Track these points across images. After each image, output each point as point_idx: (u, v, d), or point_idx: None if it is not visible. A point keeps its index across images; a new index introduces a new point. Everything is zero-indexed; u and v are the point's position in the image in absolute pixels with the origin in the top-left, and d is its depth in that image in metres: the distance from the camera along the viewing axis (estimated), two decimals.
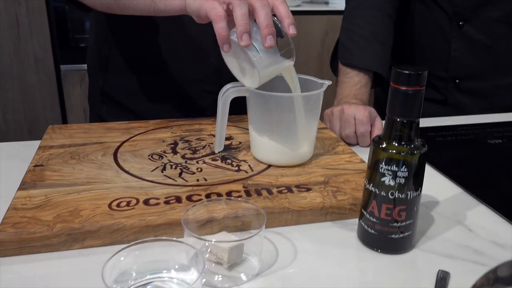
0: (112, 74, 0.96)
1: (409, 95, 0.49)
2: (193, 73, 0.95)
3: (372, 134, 0.84)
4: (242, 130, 0.83)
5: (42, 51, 2.25)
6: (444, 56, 1.09)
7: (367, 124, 0.83)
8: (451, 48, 1.07)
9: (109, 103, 0.97)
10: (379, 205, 0.52)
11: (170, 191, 0.60)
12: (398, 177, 0.50)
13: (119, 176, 0.63)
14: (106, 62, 0.95)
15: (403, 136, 0.51)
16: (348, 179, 0.66)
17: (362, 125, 0.83)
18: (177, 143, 0.76)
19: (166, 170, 0.66)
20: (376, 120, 0.86)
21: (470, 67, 1.08)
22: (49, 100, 2.33)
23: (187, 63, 0.94)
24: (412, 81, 0.48)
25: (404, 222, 0.52)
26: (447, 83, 1.11)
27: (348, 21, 1.03)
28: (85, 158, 0.69)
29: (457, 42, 1.06)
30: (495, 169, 0.78)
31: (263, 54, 0.61)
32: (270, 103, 0.65)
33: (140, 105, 0.96)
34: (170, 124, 0.85)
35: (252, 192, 0.61)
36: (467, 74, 1.09)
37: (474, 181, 0.73)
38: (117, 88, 0.96)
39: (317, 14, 2.82)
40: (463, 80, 1.10)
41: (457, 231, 0.60)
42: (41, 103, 2.32)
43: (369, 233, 0.54)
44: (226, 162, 0.70)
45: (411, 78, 0.48)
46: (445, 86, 1.11)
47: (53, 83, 2.32)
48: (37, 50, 2.25)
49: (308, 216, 0.59)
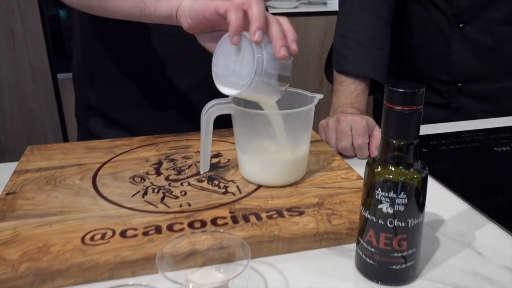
0: (98, 85, 0.91)
1: (405, 116, 0.44)
2: (182, 83, 0.90)
3: (370, 146, 0.79)
4: (232, 146, 0.78)
5: (38, 59, 2.24)
6: (445, 59, 1.04)
7: (364, 136, 0.78)
8: (452, 51, 1.02)
9: (96, 116, 0.93)
10: (377, 234, 0.47)
11: (150, 220, 0.55)
12: (396, 204, 0.45)
13: (96, 204, 0.59)
14: (91, 72, 0.91)
15: (400, 160, 0.46)
16: (344, 199, 0.61)
17: (359, 136, 0.78)
18: (162, 163, 0.71)
19: (147, 195, 0.61)
20: (375, 130, 0.81)
21: (473, 69, 1.03)
22: (47, 109, 2.32)
23: (176, 73, 0.89)
24: (408, 100, 0.43)
25: (406, 251, 0.47)
26: (449, 86, 1.05)
27: (342, 27, 0.98)
28: (61, 183, 0.64)
29: (457, 44, 1.01)
30: (503, 181, 0.73)
31: (266, 62, 0.56)
32: (257, 121, 0.61)
33: (128, 117, 0.91)
34: (156, 141, 0.80)
35: (240, 218, 0.56)
36: (470, 76, 1.04)
37: (481, 195, 0.68)
38: (104, 100, 0.91)
39: (315, 15, 2.79)
40: (466, 83, 1.05)
41: (465, 256, 0.55)
42: (39, 112, 2.31)
43: (367, 264, 0.49)
44: (212, 184, 0.65)
45: (407, 97, 0.43)
46: (447, 90, 1.06)
47: (51, 92, 2.31)
48: (33, 59, 2.24)
49: (300, 244, 0.54)
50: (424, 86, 0.43)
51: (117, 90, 0.90)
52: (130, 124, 0.91)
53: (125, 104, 0.90)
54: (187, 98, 0.91)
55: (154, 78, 0.89)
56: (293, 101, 0.63)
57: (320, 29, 2.82)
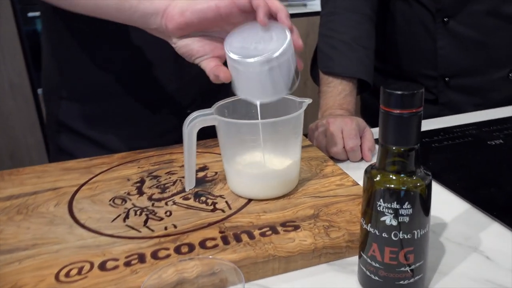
0: (67, 99, 0.85)
1: (405, 119, 0.40)
2: (152, 96, 0.85)
3: (363, 148, 0.76)
4: (218, 157, 0.74)
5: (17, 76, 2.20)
6: (431, 55, 1.01)
7: (356, 138, 0.75)
8: (438, 46, 0.99)
9: (66, 132, 0.88)
10: (381, 248, 0.44)
11: (132, 247, 0.50)
12: (400, 215, 0.42)
13: (72, 233, 0.54)
14: (60, 86, 0.85)
15: (401, 167, 0.42)
16: (341, 208, 0.57)
17: (350, 139, 0.74)
18: (144, 181, 0.67)
19: (129, 218, 0.57)
20: (366, 131, 0.78)
21: (460, 63, 1.01)
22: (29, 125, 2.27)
23: (146, 85, 0.84)
24: (407, 103, 0.40)
25: (413, 264, 0.44)
26: (437, 81, 1.03)
27: (326, 27, 0.94)
28: (34, 212, 0.59)
29: (443, 39, 0.98)
30: (502, 177, 0.70)
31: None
32: (244, 132, 0.56)
33: (99, 132, 0.86)
34: (137, 156, 0.75)
35: (231, 238, 0.51)
36: (457, 71, 1.01)
37: (481, 193, 0.64)
38: (73, 115, 0.86)
39: (296, 17, 2.79)
40: (453, 77, 1.02)
41: (474, 261, 0.51)
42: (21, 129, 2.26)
43: (372, 280, 0.45)
44: (199, 201, 0.60)
45: (405, 99, 0.40)
46: (435, 85, 1.03)
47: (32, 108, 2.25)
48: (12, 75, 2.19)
49: (298, 262, 0.50)
50: (423, 87, 0.40)
51: (87, 104, 0.84)
52: (103, 139, 0.86)
53: (95, 119, 0.85)
54: (159, 111, 0.87)
55: (125, 91, 0.84)
56: (280, 107, 0.59)
57: (302, 30, 2.81)
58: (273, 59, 0.53)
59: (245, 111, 0.61)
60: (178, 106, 0.86)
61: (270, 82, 0.55)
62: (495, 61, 1.01)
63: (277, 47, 0.54)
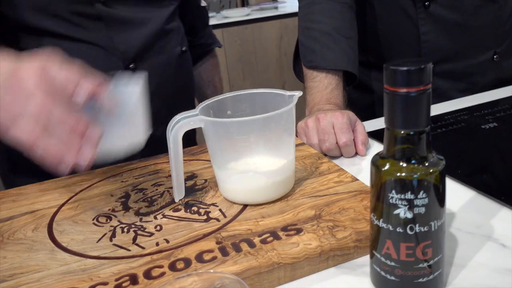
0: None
1: (413, 99, 0.37)
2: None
3: (356, 142, 0.72)
4: (206, 163, 0.69)
5: None
6: (414, 41, 0.98)
7: (348, 132, 0.71)
8: (420, 32, 0.97)
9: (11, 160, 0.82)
10: (396, 245, 0.40)
11: (122, 268, 0.46)
12: (416, 206, 0.38)
13: (54, 257, 0.49)
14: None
15: (412, 153, 0.38)
16: (344, 206, 0.53)
17: (343, 134, 0.71)
18: (129, 195, 0.62)
19: (116, 237, 0.52)
20: (357, 125, 0.74)
21: (444, 48, 0.98)
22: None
23: None
24: (414, 80, 0.36)
25: (432, 260, 0.40)
26: None
27: (305, 19, 0.91)
28: (10, 239, 0.54)
29: (425, 25, 0.96)
30: (504, 160, 0.67)
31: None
32: (233, 132, 0.52)
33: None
34: (119, 170, 0.71)
35: (229, 249, 0.47)
36: (442, 56, 0.99)
37: (485, 178, 0.62)
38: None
39: (268, 20, 2.77)
40: (438, 63, 1.00)
41: (489, 250, 0.48)
42: None
43: (388, 280, 0.42)
44: (191, 211, 0.56)
45: (412, 76, 0.36)
46: None
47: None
48: None
49: (305, 268, 0.46)
50: (431, 61, 0.36)
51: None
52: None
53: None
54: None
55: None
56: (269, 103, 0.56)
57: (275, 33, 2.80)
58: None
59: (232, 110, 0.57)
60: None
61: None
62: (479, 43, 0.99)
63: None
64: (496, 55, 1.00)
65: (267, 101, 0.56)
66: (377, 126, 0.83)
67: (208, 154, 0.72)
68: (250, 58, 2.79)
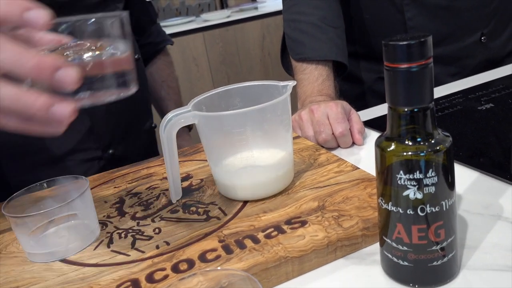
0: None
1: (415, 74, 0.35)
2: (61, 144, 0.77)
3: (352, 131, 0.71)
4: (201, 163, 0.68)
5: None
6: (400, 28, 0.97)
7: (344, 122, 0.70)
8: (406, 17, 0.96)
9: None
10: (407, 228, 0.38)
11: (123, 274, 0.44)
12: (425, 186, 0.37)
13: (50, 268, 0.47)
14: None
15: (417, 131, 0.37)
16: (347, 195, 0.52)
17: (338, 124, 0.69)
18: (124, 200, 0.60)
19: (113, 243, 0.50)
20: (352, 114, 0.73)
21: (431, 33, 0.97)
22: None
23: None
24: (415, 54, 0.35)
25: (445, 241, 0.39)
26: None
27: (290, 11, 0.90)
28: (2, 253, 0.51)
29: (410, 10, 0.95)
30: (503, 139, 0.66)
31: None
32: (228, 126, 0.50)
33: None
34: (111, 176, 0.68)
35: (233, 246, 0.45)
36: None
37: (489, 159, 0.60)
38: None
39: (249, 21, 2.76)
40: None
41: (501, 230, 0.46)
42: None
43: (400, 266, 0.40)
44: (190, 211, 0.54)
45: (413, 50, 0.35)
46: None
47: None
48: None
49: (313, 260, 0.44)
50: (430, 34, 0.35)
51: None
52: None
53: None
54: (73, 161, 0.80)
55: (25, 148, 0.76)
56: (262, 95, 0.54)
57: (257, 33, 2.78)
58: None
59: (225, 105, 0.55)
60: (97, 149, 0.80)
61: None
62: (466, 26, 0.98)
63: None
64: (484, 36, 1.00)
65: (261, 93, 0.54)
66: (370, 116, 0.82)
67: (202, 153, 0.71)
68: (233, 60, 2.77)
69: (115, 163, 0.81)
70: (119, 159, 0.83)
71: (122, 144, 0.85)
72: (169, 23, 2.74)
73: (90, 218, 0.52)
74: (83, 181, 0.53)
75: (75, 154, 0.78)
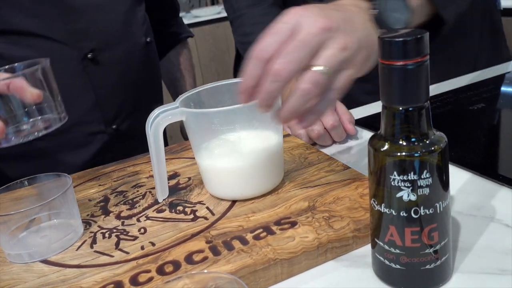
0: None
1: (410, 72, 0.34)
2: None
3: (342, 121, 0.69)
4: (188, 161, 0.66)
5: None
6: None
7: (332, 114, 0.68)
8: None
9: None
10: (400, 231, 0.37)
11: (106, 276, 0.42)
12: (420, 187, 0.35)
13: (30, 269, 0.45)
14: None
15: (412, 131, 0.36)
16: (338, 195, 0.51)
17: (327, 117, 0.68)
18: (108, 199, 0.58)
19: (97, 243, 0.48)
20: (338, 106, 0.71)
21: None
22: None
23: None
24: (411, 50, 0.34)
25: (438, 244, 0.38)
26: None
27: (238, 34, 0.93)
28: None
29: None
30: (495, 140, 0.66)
31: None
32: (217, 123, 0.49)
33: (12, 172, 0.77)
34: (96, 174, 0.66)
35: (221, 248, 0.44)
36: None
37: (479, 159, 0.60)
38: None
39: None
40: None
41: (494, 232, 0.46)
42: None
43: (392, 269, 0.39)
44: (176, 211, 0.52)
45: (409, 47, 0.34)
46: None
47: None
48: None
49: (303, 263, 0.43)
50: (427, 30, 0.34)
51: None
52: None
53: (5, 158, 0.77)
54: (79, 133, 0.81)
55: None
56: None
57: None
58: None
59: (214, 102, 0.54)
60: (101, 122, 0.82)
61: None
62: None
63: None
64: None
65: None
66: (363, 114, 0.81)
67: (190, 151, 0.69)
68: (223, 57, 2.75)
69: (119, 139, 0.83)
70: (123, 135, 0.84)
71: (127, 121, 0.86)
72: None
73: (72, 217, 0.50)
74: (65, 179, 0.51)
75: (80, 126, 0.80)
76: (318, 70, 0.42)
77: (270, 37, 0.43)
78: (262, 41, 0.44)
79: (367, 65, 0.48)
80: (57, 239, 0.48)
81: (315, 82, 0.42)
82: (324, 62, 0.43)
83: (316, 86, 0.43)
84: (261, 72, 0.42)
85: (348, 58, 0.44)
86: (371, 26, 0.48)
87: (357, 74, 0.47)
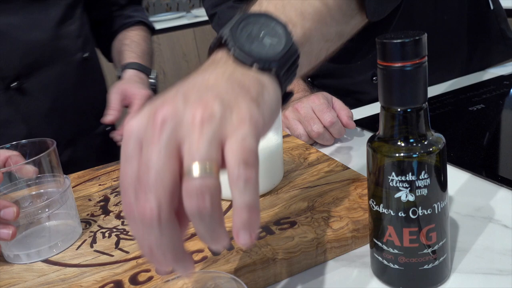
0: None
1: (409, 73, 0.34)
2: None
3: (341, 117, 0.69)
4: None
5: None
6: None
7: (330, 111, 0.69)
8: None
9: None
10: (398, 231, 0.37)
11: (106, 275, 0.42)
12: (418, 188, 0.36)
13: (30, 269, 0.45)
14: None
15: (410, 132, 0.36)
16: (337, 196, 0.51)
17: (325, 114, 0.68)
18: (108, 198, 0.58)
19: (97, 243, 0.48)
20: (335, 102, 0.72)
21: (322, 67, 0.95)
22: None
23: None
24: (409, 52, 0.34)
25: (436, 245, 0.38)
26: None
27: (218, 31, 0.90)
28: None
29: None
30: (494, 141, 0.66)
31: None
32: None
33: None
34: (96, 174, 0.67)
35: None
36: None
37: (479, 160, 0.60)
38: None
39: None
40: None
41: (492, 232, 0.46)
42: None
43: (391, 269, 0.39)
44: None
45: (407, 48, 0.34)
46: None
47: None
48: None
49: (302, 262, 0.43)
50: (425, 32, 0.34)
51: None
52: None
53: None
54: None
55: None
56: None
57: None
58: None
59: None
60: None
61: None
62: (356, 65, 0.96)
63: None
64: (375, 77, 0.95)
65: None
66: (362, 115, 0.81)
67: None
68: None
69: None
70: (65, 165, 0.81)
71: (69, 150, 0.80)
72: (159, 19, 2.72)
73: (72, 217, 0.51)
74: (64, 179, 0.51)
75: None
76: (194, 176, 0.28)
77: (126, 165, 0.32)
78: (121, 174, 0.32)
79: (264, 107, 0.32)
80: (56, 239, 0.48)
81: (199, 191, 0.27)
82: (192, 158, 0.28)
83: (206, 193, 0.28)
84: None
85: (219, 126, 0.29)
86: (232, 70, 0.34)
87: (259, 129, 0.31)
